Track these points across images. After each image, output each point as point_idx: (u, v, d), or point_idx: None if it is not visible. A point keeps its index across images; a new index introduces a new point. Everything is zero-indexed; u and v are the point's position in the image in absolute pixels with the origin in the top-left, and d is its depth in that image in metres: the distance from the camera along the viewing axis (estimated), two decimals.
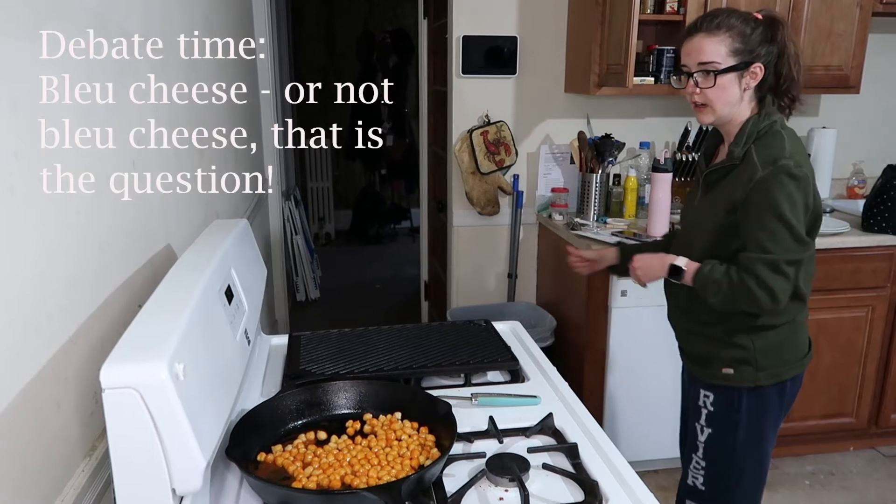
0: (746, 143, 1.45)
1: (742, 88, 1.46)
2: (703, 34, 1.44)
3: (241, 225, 1.40)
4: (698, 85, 1.46)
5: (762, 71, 1.45)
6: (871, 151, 3.10)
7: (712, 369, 1.58)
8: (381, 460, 1.03)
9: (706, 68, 1.44)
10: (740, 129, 1.47)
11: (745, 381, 1.55)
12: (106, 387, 0.75)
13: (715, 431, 1.59)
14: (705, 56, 1.44)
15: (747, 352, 1.54)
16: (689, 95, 1.50)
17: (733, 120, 1.49)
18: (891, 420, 2.73)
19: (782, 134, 1.46)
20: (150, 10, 1.35)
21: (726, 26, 1.43)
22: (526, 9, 2.71)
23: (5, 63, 0.76)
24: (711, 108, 1.48)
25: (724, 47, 1.42)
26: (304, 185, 6.00)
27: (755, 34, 1.43)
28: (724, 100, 1.46)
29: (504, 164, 2.79)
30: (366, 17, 6.04)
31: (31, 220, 0.82)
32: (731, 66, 1.43)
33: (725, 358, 1.56)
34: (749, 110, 1.49)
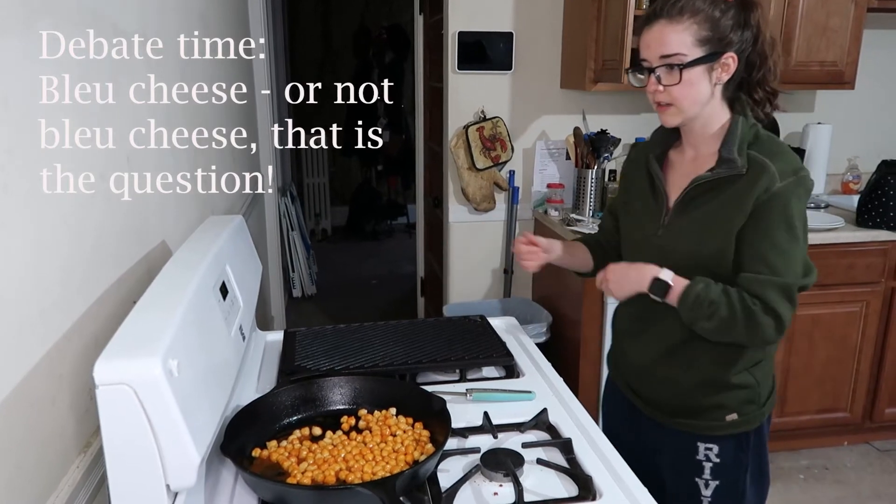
0: (741, 148, 1.23)
1: (713, 83, 1.24)
2: (665, 21, 1.21)
3: (236, 221, 1.40)
4: (661, 82, 1.24)
5: (735, 62, 1.23)
6: (866, 147, 3.11)
7: (712, 420, 1.34)
8: (376, 456, 1.03)
9: (669, 62, 1.21)
10: (729, 132, 1.25)
11: (752, 423, 1.35)
12: (100, 383, 0.75)
13: (724, 482, 1.36)
14: (668, 47, 1.21)
15: (751, 390, 1.33)
16: (650, 94, 1.27)
17: (703, 120, 1.28)
18: (885, 415, 2.74)
19: (777, 139, 1.27)
20: (147, 8, 1.35)
21: (691, 10, 1.20)
22: (521, 4, 2.71)
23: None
24: (678, 108, 1.25)
25: (689, 36, 1.20)
26: (301, 181, 6.00)
27: (725, 18, 1.20)
28: (692, 98, 1.23)
29: (500, 160, 2.79)
30: (362, 13, 6.03)
31: (24, 216, 0.82)
32: (699, 57, 1.20)
33: (730, 404, 1.33)
34: (724, 111, 1.28)
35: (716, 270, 1.25)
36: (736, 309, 1.18)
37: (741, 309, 1.18)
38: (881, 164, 2.54)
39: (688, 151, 1.34)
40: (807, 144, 2.92)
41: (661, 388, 1.37)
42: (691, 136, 1.32)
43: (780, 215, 1.18)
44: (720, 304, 1.19)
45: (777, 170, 1.19)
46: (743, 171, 1.21)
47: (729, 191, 1.23)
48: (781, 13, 2.48)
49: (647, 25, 1.25)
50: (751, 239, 1.20)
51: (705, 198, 1.26)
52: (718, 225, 1.24)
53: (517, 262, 1.33)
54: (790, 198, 1.18)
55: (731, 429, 1.33)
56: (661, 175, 1.35)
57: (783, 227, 1.19)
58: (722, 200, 1.24)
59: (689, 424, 1.35)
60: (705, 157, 1.29)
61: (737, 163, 1.22)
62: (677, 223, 1.30)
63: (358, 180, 6.31)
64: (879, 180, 2.50)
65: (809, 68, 2.56)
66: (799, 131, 3.00)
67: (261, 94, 3.30)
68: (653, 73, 1.24)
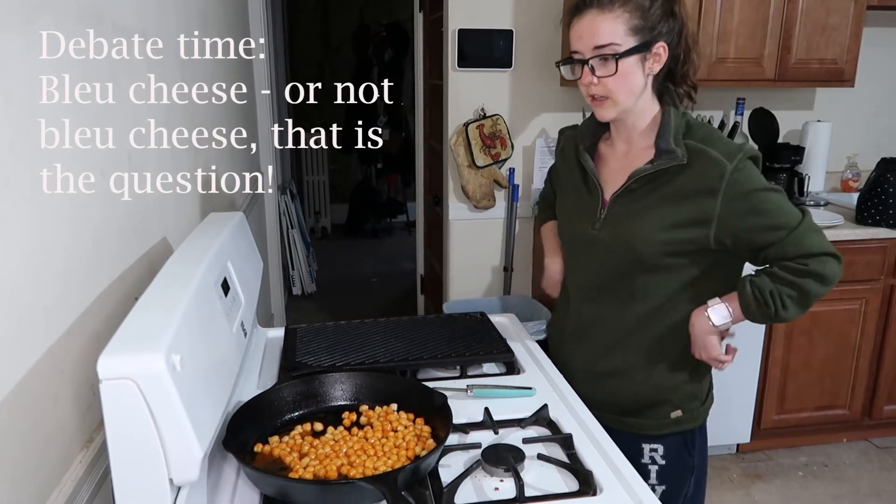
0: (677, 139, 1.21)
1: (646, 74, 1.22)
2: (596, 11, 1.18)
3: (237, 218, 1.40)
4: (595, 73, 1.20)
5: (666, 52, 1.21)
6: (866, 145, 3.11)
7: (659, 418, 1.33)
8: (378, 451, 1.04)
9: (604, 52, 1.18)
10: (662, 124, 1.24)
11: (696, 419, 1.35)
12: (103, 378, 0.75)
13: (670, 486, 1.35)
14: (601, 38, 1.17)
15: (694, 383, 1.33)
16: (585, 87, 1.24)
17: (635, 113, 1.26)
18: (883, 412, 2.75)
19: (708, 125, 1.28)
20: (147, 7, 1.35)
21: (621, 0, 1.18)
22: (521, 2, 2.71)
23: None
24: (613, 101, 1.22)
25: (621, 25, 1.17)
26: (301, 178, 6.00)
27: (654, 7, 1.19)
28: (628, 89, 1.21)
29: (500, 158, 2.80)
30: (361, 10, 6.03)
31: (26, 212, 0.83)
32: (633, 47, 1.18)
33: (675, 399, 1.33)
34: (654, 102, 1.27)
35: (654, 263, 1.24)
36: (793, 282, 1.18)
37: (796, 277, 1.18)
38: (881, 162, 2.54)
39: (619, 146, 1.32)
40: (806, 142, 2.92)
41: (607, 389, 1.35)
42: (623, 129, 1.30)
43: (753, 192, 1.18)
44: (779, 290, 1.19)
45: (720, 152, 1.18)
46: (684, 160, 1.19)
47: (672, 183, 1.22)
48: (781, 10, 2.49)
49: (577, 15, 1.21)
50: (746, 225, 1.19)
51: (645, 190, 1.24)
52: (661, 217, 1.22)
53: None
54: (750, 174, 1.18)
55: (675, 426, 1.34)
56: (594, 168, 1.33)
57: (762, 196, 1.18)
58: (664, 193, 1.22)
59: (634, 424, 1.34)
60: (640, 151, 1.28)
61: (676, 153, 1.20)
62: (615, 217, 1.28)
63: (358, 178, 6.32)
64: (879, 178, 2.50)
65: (809, 66, 2.57)
66: (798, 129, 3.00)
67: (260, 93, 3.31)
68: (586, 65, 1.21)
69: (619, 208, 1.27)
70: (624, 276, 1.29)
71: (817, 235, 1.20)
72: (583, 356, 1.39)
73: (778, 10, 2.49)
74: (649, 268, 1.25)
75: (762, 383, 2.62)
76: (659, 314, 1.30)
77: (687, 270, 1.26)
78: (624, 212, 1.27)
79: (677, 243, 1.22)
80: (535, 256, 2.98)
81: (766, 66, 2.53)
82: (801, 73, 2.58)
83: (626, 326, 1.31)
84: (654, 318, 1.30)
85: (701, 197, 1.19)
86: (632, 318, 1.31)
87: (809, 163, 2.91)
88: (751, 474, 2.62)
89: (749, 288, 1.22)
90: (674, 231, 1.22)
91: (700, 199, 1.19)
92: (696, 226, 1.21)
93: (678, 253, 1.24)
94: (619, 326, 1.33)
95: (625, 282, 1.29)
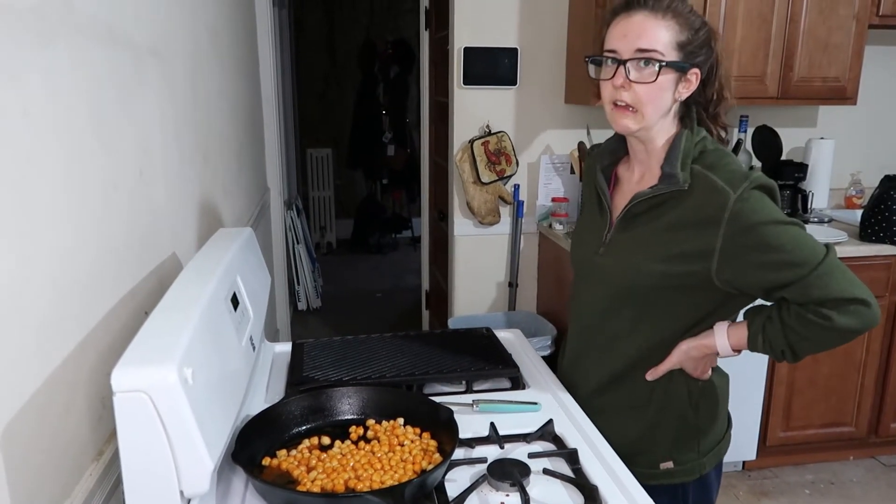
0: (684, 163, 1.12)
1: (675, 97, 1.14)
2: (648, 13, 1.10)
3: (246, 233, 1.42)
4: (630, 77, 1.11)
5: (697, 80, 1.14)
6: (869, 162, 3.12)
7: (644, 466, 1.20)
8: (385, 465, 1.04)
9: (647, 56, 1.09)
10: (672, 146, 1.15)
11: (691, 473, 1.24)
12: (117, 390, 0.76)
13: None
14: (647, 41, 1.08)
15: (689, 428, 1.23)
16: (611, 92, 1.14)
17: (654, 136, 1.17)
18: (890, 429, 2.74)
19: (724, 150, 1.16)
20: (158, 22, 1.38)
21: (675, 11, 1.10)
22: (526, 21, 2.74)
23: (17, 71, 0.79)
24: (640, 114, 1.13)
25: (669, 35, 1.09)
26: (306, 194, 6.04)
27: (701, 31, 1.12)
28: (658, 104, 1.12)
29: (505, 174, 2.82)
30: (367, 27, 6.09)
31: (43, 227, 0.85)
32: (676, 61, 1.10)
33: (663, 446, 1.23)
34: (675, 127, 1.18)
35: (652, 296, 1.16)
36: (810, 338, 1.08)
37: (815, 332, 1.07)
38: (884, 179, 2.55)
39: (636, 169, 1.24)
40: (809, 159, 2.94)
41: (598, 425, 1.22)
42: (640, 150, 1.22)
43: (761, 225, 1.06)
44: (793, 347, 1.10)
45: (724, 180, 1.08)
46: (685, 186, 1.11)
47: (674, 211, 1.13)
48: (784, 29, 2.51)
49: (623, 13, 1.12)
50: (752, 261, 1.08)
51: (647, 216, 1.17)
52: (660, 245, 1.14)
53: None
54: (756, 204, 1.07)
55: (666, 478, 1.23)
56: (606, 189, 1.26)
57: (771, 229, 1.06)
58: (666, 221, 1.14)
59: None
60: (653, 176, 1.19)
61: (678, 178, 1.11)
62: (618, 243, 1.21)
63: (363, 194, 6.35)
64: (882, 195, 2.51)
65: (812, 84, 2.59)
66: (802, 146, 3.02)
67: (268, 107, 3.34)
68: (623, 66, 1.11)
69: (622, 234, 1.21)
70: (620, 307, 1.21)
71: (844, 276, 1.07)
72: (578, 387, 1.33)
73: (780, 28, 2.51)
74: (645, 301, 1.18)
75: (767, 400, 2.61)
76: (656, 354, 1.21)
77: (689, 308, 1.18)
78: (626, 238, 1.20)
79: (676, 276, 1.13)
80: (540, 272, 2.99)
81: (769, 84, 2.55)
82: (803, 91, 2.60)
83: (620, 363, 1.23)
84: (649, 359, 1.22)
85: (702, 227, 1.10)
86: (624, 355, 1.23)
87: (813, 180, 2.92)
88: (757, 492, 2.61)
89: (761, 342, 1.13)
90: (673, 263, 1.13)
91: (701, 230, 1.10)
92: (697, 259, 1.11)
93: (678, 287, 1.15)
94: (613, 362, 1.24)
95: (620, 314, 1.21)
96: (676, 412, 1.24)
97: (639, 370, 1.23)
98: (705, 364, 1.22)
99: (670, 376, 1.22)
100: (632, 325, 1.21)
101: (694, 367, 1.22)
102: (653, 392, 1.23)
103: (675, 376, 1.22)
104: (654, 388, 1.23)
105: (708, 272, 1.11)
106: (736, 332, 1.16)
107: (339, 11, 6.05)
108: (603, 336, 1.26)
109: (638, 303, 1.19)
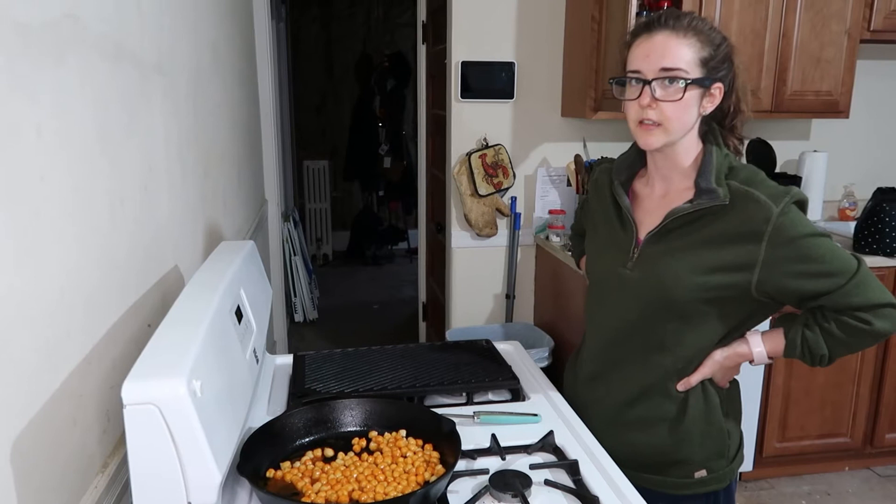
0: (719, 179, 1.15)
1: (699, 111, 1.17)
2: (669, 32, 1.13)
3: (248, 246, 1.44)
4: (656, 96, 1.14)
5: (721, 94, 1.18)
6: (862, 174, 3.16)
7: (679, 476, 1.26)
8: (388, 476, 1.05)
9: (672, 75, 1.12)
10: (703, 163, 1.18)
11: (722, 481, 1.27)
12: (127, 402, 0.77)
13: None
14: (671, 60, 1.12)
15: (721, 436, 1.26)
16: (637, 111, 1.16)
17: (679, 151, 1.20)
18: (885, 440, 2.75)
19: (752, 166, 1.20)
20: (163, 40, 1.39)
21: (695, 29, 1.14)
22: (523, 35, 2.77)
23: (31, 90, 0.80)
24: (665, 129, 1.15)
25: (691, 52, 1.13)
26: (303, 205, 6.05)
27: (722, 47, 1.16)
28: (683, 120, 1.15)
29: (502, 187, 2.84)
30: (364, 40, 6.13)
31: (53, 241, 0.86)
32: (700, 78, 1.13)
33: (700, 458, 1.25)
34: (698, 143, 1.21)
35: (687, 309, 1.18)
36: (850, 342, 1.14)
37: (854, 338, 1.14)
38: (876, 192, 2.59)
39: (657, 185, 1.26)
40: (803, 172, 2.97)
41: (626, 441, 1.26)
42: (664, 166, 1.23)
43: (801, 238, 1.11)
44: (832, 351, 1.16)
45: (765, 195, 1.12)
46: (725, 201, 1.14)
47: (713, 225, 1.15)
48: (777, 44, 2.55)
49: (646, 33, 1.16)
50: (793, 272, 1.12)
51: (683, 231, 1.18)
52: (699, 260, 1.16)
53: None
54: (796, 218, 1.11)
55: (700, 487, 1.26)
56: (628, 204, 1.27)
57: (811, 241, 1.11)
58: (704, 235, 1.16)
59: (654, 481, 1.25)
60: (679, 192, 1.22)
61: (718, 193, 1.14)
62: (650, 257, 1.21)
63: (359, 205, 6.37)
64: (875, 207, 2.54)
65: (805, 98, 2.62)
66: (795, 159, 3.06)
67: (266, 119, 3.36)
68: (648, 85, 1.14)
69: (654, 248, 1.21)
70: (654, 321, 1.22)
71: (877, 284, 1.13)
72: (601, 402, 1.33)
73: (773, 44, 2.55)
74: (682, 314, 1.19)
75: (764, 411, 2.63)
76: (689, 367, 1.23)
77: (722, 321, 1.20)
78: (659, 252, 1.20)
79: (715, 289, 1.16)
80: (537, 284, 3.00)
81: (763, 98, 2.59)
82: (796, 105, 2.63)
83: (653, 376, 1.24)
84: (683, 371, 1.23)
85: (744, 241, 1.13)
86: (659, 368, 1.24)
87: (806, 192, 2.95)
88: (754, 503, 2.62)
89: (800, 349, 1.18)
90: (713, 275, 1.15)
91: (743, 243, 1.13)
92: (738, 271, 1.14)
93: (715, 300, 1.17)
94: (645, 376, 1.25)
95: (655, 328, 1.22)
96: (710, 420, 1.26)
97: (671, 381, 1.24)
98: (732, 373, 1.28)
99: (703, 386, 1.25)
100: (666, 337, 1.22)
101: (723, 376, 1.26)
102: (686, 402, 1.24)
103: (707, 386, 1.26)
104: (687, 399, 1.24)
105: (748, 283, 1.15)
106: (771, 339, 1.22)
107: (336, 25, 6.09)
108: (634, 349, 1.26)
109: (674, 316, 1.20)
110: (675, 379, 1.24)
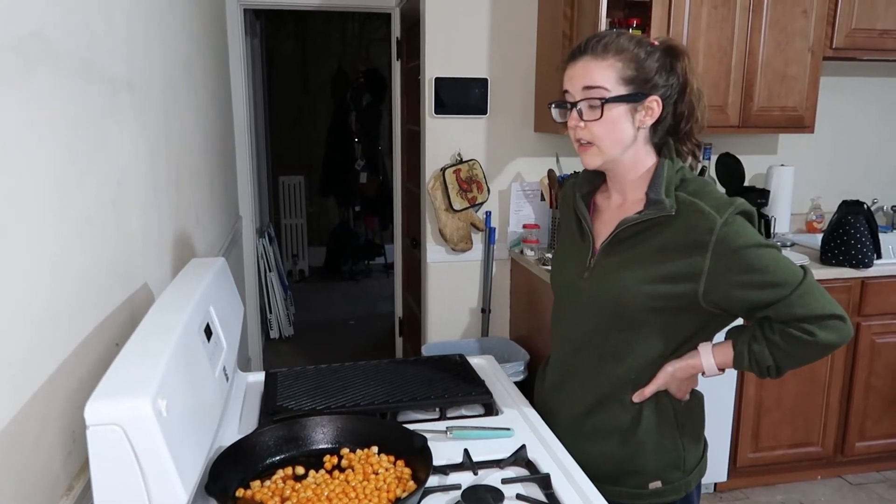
0: (668, 190, 1.18)
1: (636, 126, 1.20)
2: (590, 57, 1.18)
3: (219, 263, 1.43)
4: (582, 117, 1.19)
5: (660, 106, 1.19)
6: (828, 188, 3.23)
7: (631, 486, 1.27)
8: (359, 494, 1.05)
9: (591, 95, 1.17)
10: (655, 175, 1.21)
11: (678, 492, 1.28)
12: (90, 423, 0.76)
13: None
14: (591, 80, 1.17)
15: (675, 447, 1.27)
16: (571, 131, 1.22)
17: (626, 165, 1.23)
18: (855, 448, 2.80)
19: (704, 178, 1.23)
20: (135, 57, 1.39)
21: (616, 49, 1.17)
22: (496, 52, 2.80)
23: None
24: (598, 148, 1.20)
25: (613, 73, 1.16)
26: (278, 221, 6.02)
27: (651, 60, 1.18)
28: (614, 137, 1.19)
29: (476, 202, 2.86)
30: (339, 56, 6.15)
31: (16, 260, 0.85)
32: (622, 95, 1.17)
33: (653, 468, 1.26)
34: (650, 155, 1.24)
35: (637, 319, 1.20)
36: (795, 354, 1.15)
37: (800, 349, 1.14)
38: (842, 204, 2.64)
39: (614, 197, 1.29)
40: (771, 185, 3.03)
41: (584, 450, 1.26)
42: (616, 180, 1.27)
43: (745, 248, 1.12)
44: (778, 364, 1.17)
45: (710, 206, 1.14)
46: (672, 212, 1.16)
47: (661, 235, 1.18)
48: (743, 61, 2.61)
49: (570, 61, 1.21)
50: (738, 282, 1.13)
51: (633, 241, 1.21)
52: (647, 269, 1.18)
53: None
54: (741, 229, 1.13)
55: (655, 498, 1.27)
56: (587, 216, 1.30)
57: (755, 252, 1.12)
58: (652, 245, 1.19)
59: (610, 492, 1.20)
60: (632, 204, 1.25)
61: (665, 204, 1.17)
62: (604, 267, 1.24)
63: (335, 221, 6.35)
64: (840, 220, 2.60)
65: (771, 113, 2.68)
66: (763, 173, 3.12)
67: (240, 135, 3.35)
68: (574, 107, 1.20)
69: (608, 259, 1.24)
70: (607, 330, 1.24)
71: (822, 295, 1.14)
72: (561, 411, 1.35)
73: (740, 61, 2.61)
74: (632, 323, 1.21)
75: (737, 421, 2.66)
76: (643, 378, 1.25)
77: (673, 332, 1.22)
78: (612, 263, 1.23)
79: (663, 298, 1.17)
80: (513, 298, 3.02)
81: (731, 114, 2.64)
82: (763, 120, 2.69)
83: (607, 386, 1.26)
84: (637, 382, 1.25)
85: (690, 251, 1.15)
86: (613, 377, 1.25)
87: (775, 205, 3.01)
88: None
89: (748, 360, 1.19)
90: (661, 285, 1.17)
91: (689, 254, 1.15)
92: (685, 281, 1.15)
93: (663, 310, 1.19)
94: (600, 385, 1.27)
95: (608, 337, 1.24)
96: (664, 432, 1.27)
97: (626, 392, 1.26)
98: (688, 385, 1.28)
99: (657, 397, 1.26)
100: (619, 347, 1.24)
101: (678, 388, 1.27)
102: (640, 413, 1.26)
103: (661, 397, 1.26)
104: (641, 410, 1.26)
105: (695, 293, 1.16)
106: (721, 351, 1.23)
107: (311, 41, 6.10)
108: (590, 359, 1.28)
109: (625, 325, 1.22)
110: (630, 390, 1.25)
